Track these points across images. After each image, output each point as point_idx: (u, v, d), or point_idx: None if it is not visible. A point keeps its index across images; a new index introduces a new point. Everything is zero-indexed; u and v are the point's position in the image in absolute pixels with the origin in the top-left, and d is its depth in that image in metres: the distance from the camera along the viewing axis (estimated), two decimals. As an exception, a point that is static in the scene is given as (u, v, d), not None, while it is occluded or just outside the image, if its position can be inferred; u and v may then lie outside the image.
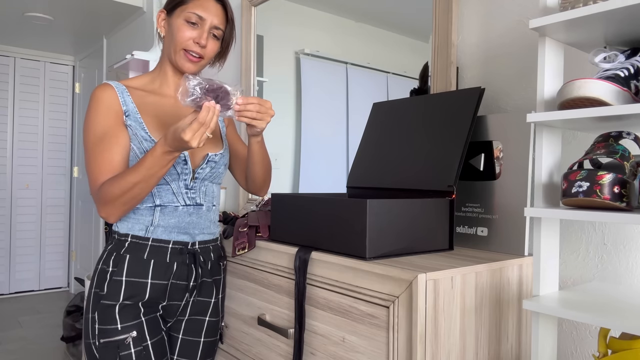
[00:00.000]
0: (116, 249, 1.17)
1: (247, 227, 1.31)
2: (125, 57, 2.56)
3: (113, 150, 1.12)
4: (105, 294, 1.12)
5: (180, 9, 1.19)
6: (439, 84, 1.35)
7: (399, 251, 1.03)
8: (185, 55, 1.19)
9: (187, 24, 1.18)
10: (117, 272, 1.13)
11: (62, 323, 3.12)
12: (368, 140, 1.39)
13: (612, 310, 0.81)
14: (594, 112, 0.78)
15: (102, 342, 1.11)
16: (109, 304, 1.12)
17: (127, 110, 1.16)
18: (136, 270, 1.14)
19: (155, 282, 1.16)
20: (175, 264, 1.18)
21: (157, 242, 1.17)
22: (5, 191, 4.49)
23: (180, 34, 1.18)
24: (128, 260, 1.15)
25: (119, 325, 1.11)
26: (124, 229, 1.18)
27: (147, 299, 1.15)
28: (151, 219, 1.17)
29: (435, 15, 1.36)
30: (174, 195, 1.19)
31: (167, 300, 1.19)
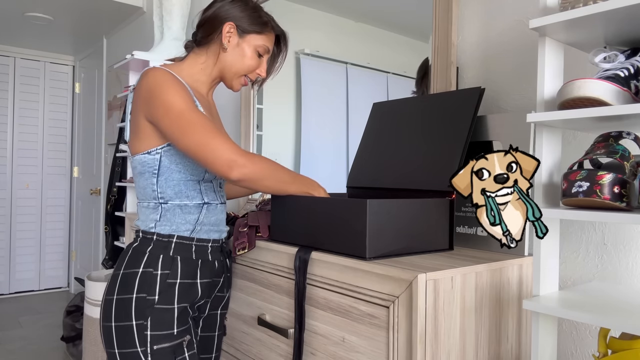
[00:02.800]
0: (161, 250, 1.12)
1: (247, 227, 1.31)
2: (125, 57, 2.56)
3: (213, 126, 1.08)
4: (159, 298, 1.09)
5: (254, 36, 1.20)
6: (439, 84, 1.35)
7: (399, 251, 1.03)
8: (244, 79, 1.24)
9: (256, 54, 1.22)
10: (171, 275, 1.11)
11: (62, 323, 3.12)
12: (368, 140, 1.39)
13: (612, 310, 0.81)
14: (594, 112, 0.78)
15: (156, 348, 1.07)
16: (165, 308, 1.09)
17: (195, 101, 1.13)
18: (188, 271, 1.14)
19: (203, 281, 1.17)
20: (216, 262, 1.21)
21: (200, 241, 1.17)
22: (5, 191, 4.49)
23: (248, 62, 1.21)
24: (181, 262, 1.13)
25: (176, 330, 1.09)
26: (167, 230, 1.14)
27: (197, 299, 1.16)
28: (198, 216, 1.17)
29: (435, 15, 1.36)
30: (215, 193, 1.21)
31: (204, 298, 1.20)
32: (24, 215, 4.59)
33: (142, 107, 1.10)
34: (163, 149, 1.12)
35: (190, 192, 1.15)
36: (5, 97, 4.48)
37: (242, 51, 1.20)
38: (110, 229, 3.07)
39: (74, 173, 4.77)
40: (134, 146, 1.14)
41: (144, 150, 1.13)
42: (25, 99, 4.59)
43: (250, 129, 2.17)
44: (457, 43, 1.36)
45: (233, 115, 2.34)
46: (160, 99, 1.07)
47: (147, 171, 1.14)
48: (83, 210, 4.57)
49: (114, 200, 3.07)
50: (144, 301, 1.08)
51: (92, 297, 2.54)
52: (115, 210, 3.07)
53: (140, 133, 1.12)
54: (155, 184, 1.14)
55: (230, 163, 1.04)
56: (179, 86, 1.09)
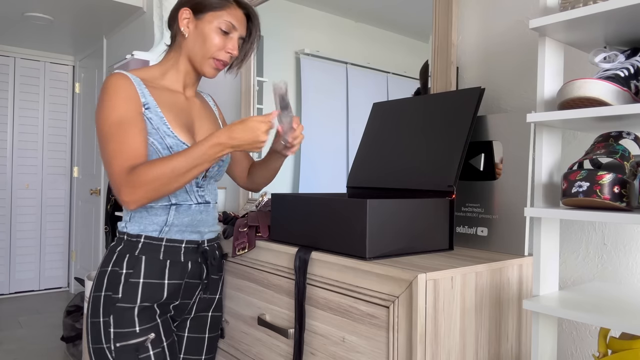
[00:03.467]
0: (129, 250, 1.14)
1: (247, 227, 1.31)
2: (125, 57, 2.56)
3: (137, 137, 1.07)
4: (121, 296, 1.10)
5: (212, 15, 1.17)
6: (439, 84, 1.35)
7: (399, 251, 1.03)
8: (214, 62, 1.19)
9: (219, 32, 1.17)
10: (134, 274, 1.12)
11: (62, 323, 3.12)
12: (368, 140, 1.39)
13: (612, 310, 0.81)
14: (594, 112, 0.78)
15: (119, 345, 1.09)
16: (126, 307, 1.10)
17: (146, 103, 1.13)
18: (153, 271, 1.13)
19: (171, 282, 1.16)
20: (189, 263, 1.19)
21: (170, 242, 1.16)
22: (5, 191, 4.49)
23: (214, 42, 1.17)
24: (145, 261, 1.13)
25: (138, 328, 1.10)
26: (136, 230, 1.15)
27: (164, 299, 1.15)
28: (166, 218, 1.16)
29: (435, 15, 1.36)
30: (187, 193, 1.19)
31: (180, 299, 1.19)
32: (24, 215, 4.59)
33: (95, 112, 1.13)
34: None
35: None
36: (5, 97, 4.48)
37: (202, 33, 1.17)
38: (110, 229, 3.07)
39: (74, 173, 4.77)
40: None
41: None
42: (25, 99, 4.58)
43: (250, 129, 2.16)
44: (457, 43, 1.36)
45: (233, 115, 2.33)
46: (99, 105, 1.10)
47: None
48: (83, 210, 4.57)
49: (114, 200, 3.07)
50: (110, 299, 1.11)
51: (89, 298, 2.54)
52: (115, 210, 3.07)
53: None
54: None
55: (119, 191, 1.05)
56: (123, 92, 1.09)
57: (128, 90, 1.10)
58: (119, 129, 1.06)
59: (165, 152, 1.12)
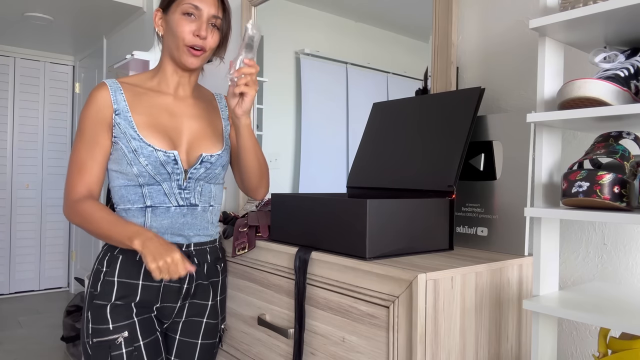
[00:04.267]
0: (111, 249, 1.18)
1: (247, 227, 1.31)
2: (125, 57, 2.56)
3: (96, 159, 1.15)
4: (98, 293, 1.14)
5: (175, 4, 1.18)
6: (439, 84, 1.35)
7: (399, 251, 1.03)
8: (189, 50, 1.17)
9: (185, 17, 1.16)
10: (110, 273, 1.15)
11: (62, 323, 3.12)
12: (368, 140, 1.39)
13: (612, 310, 0.81)
14: (594, 112, 0.78)
15: (94, 341, 1.12)
16: (101, 304, 1.13)
17: (117, 109, 1.16)
18: (128, 271, 1.15)
19: (146, 283, 1.16)
20: None
21: None
22: (5, 191, 4.49)
23: (179, 29, 1.16)
24: (121, 260, 1.16)
25: (111, 325, 1.12)
26: None
27: (138, 300, 1.15)
28: (143, 220, 1.17)
29: (435, 15, 1.36)
30: (165, 196, 1.18)
31: (161, 302, 1.19)
32: (24, 215, 4.59)
33: None
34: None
35: (132, 196, 1.18)
36: (5, 97, 4.48)
37: (171, 24, 1.18)
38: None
39: (74, 173, 4.77)
40: None
41: None
42: (25, 99, 4.58)
43: (250, 129, 2.17)
44: (457, 43, 1.36)
45: (233, 115, 2.33)
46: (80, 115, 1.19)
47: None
48: (83, 210, 4.56)
49: (114, 200, 3.06)
50: (91, 295, 1.15)
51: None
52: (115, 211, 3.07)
53: None
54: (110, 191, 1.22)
55: (63, 201, 1.17)
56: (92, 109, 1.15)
57: (100, 102, 1.16)
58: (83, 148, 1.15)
59: (130, 155, 1.15)
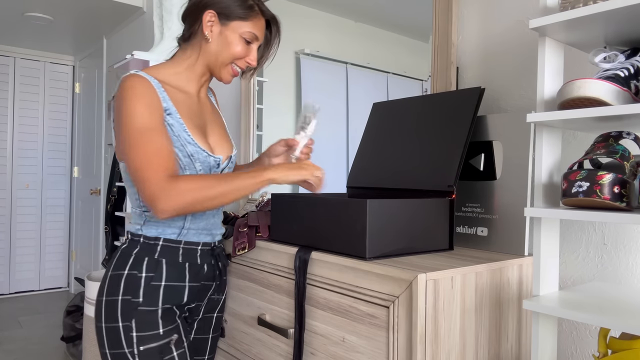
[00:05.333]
0: (147, 253, 1.11)
1: (247, 227, 1.31)
2: (125, 57, 2.56)
3: (168, 146, 1.04)
4: (143, 300, 1.08)
5: (237, 23, 1.14)
6: (439, 84, 1.35)
7: (399, 251, 1.03)
8: (232, 69, 1.18)
9: (243, 41, 1.15)
10: (156, 278, 1.10)
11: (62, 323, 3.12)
12: (368, 140, 1.39)
13: (612, 310, 0.81)
14: (594, 112, 0.78)
15: (142, 349, 1.07)
16: (149, 310, 1.08)
17: (167, 108, 1.09)
18: (174, 274, 1.13)
19: (191, 284, 1.16)
20: (205, 265, 1.19)
21: (188, 244, 1.15)
22: (5, 191, 4.49)
23: (234, 50, 1.15)
24: (165, 264, 1.12)
25: (161, 330, 1.09)
26: (153, 233, 1.12)
27: (185, 301, 1.15)
28: (183, 222, 1.15)
29: (435, 15, 1.36)
30: None
31: (196, 301, 1.20)
32: (24, 215, 4.59)
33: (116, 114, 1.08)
34: None
35: None
36: (5, 97, 4.48)
37: (225, 39, 1.14)
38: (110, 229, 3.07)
39: (74, 173, 4.77)
40: (119, 152, 1.11)
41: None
42: (25, 99, 4.58)
43: (250, 129, 2.17)
44: (457, 43, 1.36)
45: (233, 115, 2.33)
46: (122, 109, 1.04)
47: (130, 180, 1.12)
48: (83, 210, 4.57)
49: (114, 200, 3.07)
50: (129, 303, 1.08)
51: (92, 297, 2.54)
52: (115, 210, 3.07)
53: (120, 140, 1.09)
54: (137, 193, 1.13)
55: (152, 198, 0.99)
56: (145, 98, 1.05)
57: (150, 95, 1.06)
58: (147, 136, 1.02)
59: (186, 159, 1.10)
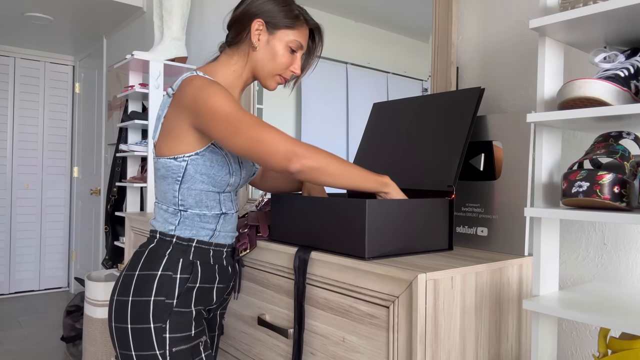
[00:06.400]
0: (181, 254, 1.11)
1: (248, 227, 1.31)
2: (125, 57, 2.56)
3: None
4: (178, 301, 1.08)
5: (284, 32, 1.15)
6: (439, 84, 1.35)
7: (398, 251, 1.03)
8: (279, 78, 1.19)
9: (289, 50, 1.17)
10: (192, 279, 1.11)
11: (62, 323, 3.12)
12: (368, 140, 1.39)
13: (612, 310, 0.81)
14: (594, 112, 0.78)
15: (175, 350, 1.07)
16: (183, 312, 1.09)
17: None
18: (207, 276, 1.15)
19: (219, 286, 1.18)
20: (229, 267, 1.21)
21: (217, 246, 1.17)
22: (5, 191, 4.49)
23: (282, 60, 1.16)
24: (201, 266, 1.13)
25: (193, 332, 1.10)
26: (187, 234, 1.13)
27: (214, 303, 1.17)
28: (215, 225, 1.16)
29: (435, 15, 1.36)
30: (232, 202, 1.20)
31: (218, 302, 1.21)
32: (24, 215, 4.59)
33: (185, 114, 1.07)
34: (191, 157, 1.09)
35: (210, 202, 1.14)
36: (5, 97, 4.49)
37: (273, 49, 1.16)
38: (110, 229, 3.07)
39: (74, 173, 4.77)
40: (162, 149, 1.12)
41: (171, 154, 1.10)
42: (25, 99, 4.59)
43: (250, 129, 2.17)
44: (457, 43, 1.36)
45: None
46: (206, 104, 1.04)
47: (171, 176, 1.12)
48: (83, 210, 4.57)
49: (114, 200, 3.07)
50: (163, 304, 1.07)
51: (92, 297, 2.54)
52: (115, 210, 3.07)
53: (173, 138, 1.10)
54: (177, 191, 1.12)
55: (288, 154, 1.00)
56: (222, 89, 1.06)
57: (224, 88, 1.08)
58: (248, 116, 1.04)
59: (235, 165, 1.14)
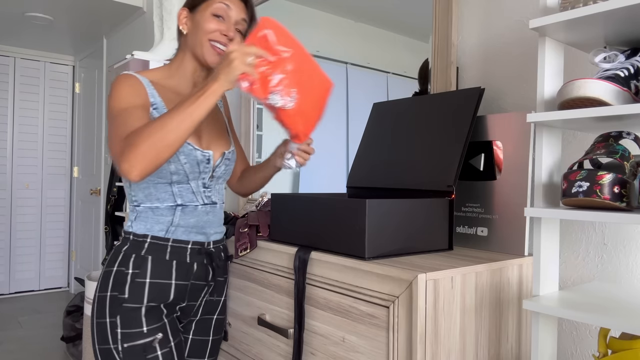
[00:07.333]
0: (135, 250, 1.13)
1: (248, 227, 1.31)
2: (125, 57, 2.56)
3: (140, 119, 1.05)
4: (128, 297, 1.10)
5: (205, 4, 1.18)
6: (439, 84, 1.35)
7: (398, 251, 1.03)
8: (212, 47, 1.17)
9: (214, 17, 1.17)
10: (140, 274, 1.11)
11: (62, 323, 3.12)
12: (368, 140, 1.39)
13: (612, 310, 0.81)
14: (594, 112, 0.78)
15: (126, 346, 1.08)
16: (133, 307, 1.10)
17: (154, 103, 1.13)
18: (160, 271, 1.13)
19: (178, 283, 1.16)
20: (195, 264, 1.18)
21: (177, 242, 1.16)
22: (5, 191, 4.49)
23: (207, 26, 1.16)
24: (151, 261, 1.13)
25: (145, 328, 1.10)
26: (142, 230, 1.15)
27: (171, 300, 1.15)
28: (172, 218, 1.15)
29: (435, 15, 1.36)
30: (193, 194, 1.18)
31: (187, 301, 1.19)
32: (24, 215, 4.59)
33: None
34: None
35: (161, 194, 1.15)
36: (5, 97, 4.48)
37: (197, 23, 1.17)
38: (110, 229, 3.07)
39: (74, 173, 4.77)
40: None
41: None
42: (25, 99, 4.58)
43: (250, 129, 2.17)
44: (457, 43, 1.36)
45: (233, 115, 2.33)
46: (108, 99, 1.10)
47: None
48: (83, 210, 4.57)
49: (114, 200, 3.07)
50: (116, 299, 1.10)
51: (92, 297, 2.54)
52: (115, 210, 3.07)
53: None
54: (129, 187, 1.16)
55: (118, 163, 0.97)
56: (129, 89, 1.09)
57: (137, 87, 1.11)
58: (125, 112, 1.06)
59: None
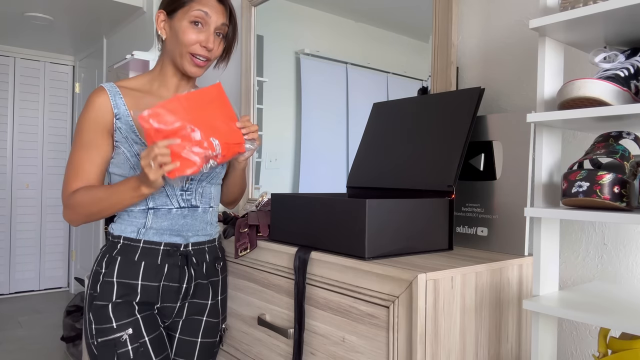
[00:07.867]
0: (109, 250, 1.18)
1: (248, 226, 1.31)
2: (125, 57, 2.56)
3: (94, 161, 1.15)
4: (98, 294, 1.14)
5: (182, 11, 1.16)
6: (439, 84, 1.35)
7: (398, 251, 1.03)
8: (192, 59, 1.17)
9: (192, 26, 1.16)
10: (108, 274, 1.15)
11: (62, 323, 3.12)
12: (368, 140, 1.39)
13: (612, 310, 0.81)
14: (594, 112, 0.78)
15: (100, 341, 1.13)
16: (102, 304, 1.13)
17: (118, 113, 1.16)
18: (126, 271, 1.15)
19: (145, 283, 1.16)
20: (166, 265, 1.18)
21: (148, 244, 1.17)
22: (5, 191, 4.49)
23: (186, 37, 1.15)
24: (119, 261, 1.16)
25: (114, 324, 1.12)
26: (117, 231, 1.19)
27: (138, 299, 1.16)
28: (144, 221, 1.18)
29: (435, 15, 1.36)
30: (167, 197, 1.19)
31: (161, 302, 1.19)
32: (24, 215, 4.59)
33: None
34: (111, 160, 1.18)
35: None
36: (5, 97, 4.48)
37: (176, 31, 1.17)
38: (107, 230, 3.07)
39: (74, 173, 4.77)
40: None
41: None
42: (25, 99, 4.58)
43: (250, 129, 2.16)
44: (457, 43, 1.36)
45: (233, 115, 2.33)
46: (78, 120, 1.18)
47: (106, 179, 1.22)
48: (83, 210, 4.56)
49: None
50: (90, 297, 1.16)
51: (92, 297, 2.54)
52: (115, 211, 3.07)
53: None
54: None
55: (63, 206, 1.16)
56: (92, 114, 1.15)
57: (100, 107, 1.15)
58: (82, 151, 1.15)
59: (133, 159, 1.16)
